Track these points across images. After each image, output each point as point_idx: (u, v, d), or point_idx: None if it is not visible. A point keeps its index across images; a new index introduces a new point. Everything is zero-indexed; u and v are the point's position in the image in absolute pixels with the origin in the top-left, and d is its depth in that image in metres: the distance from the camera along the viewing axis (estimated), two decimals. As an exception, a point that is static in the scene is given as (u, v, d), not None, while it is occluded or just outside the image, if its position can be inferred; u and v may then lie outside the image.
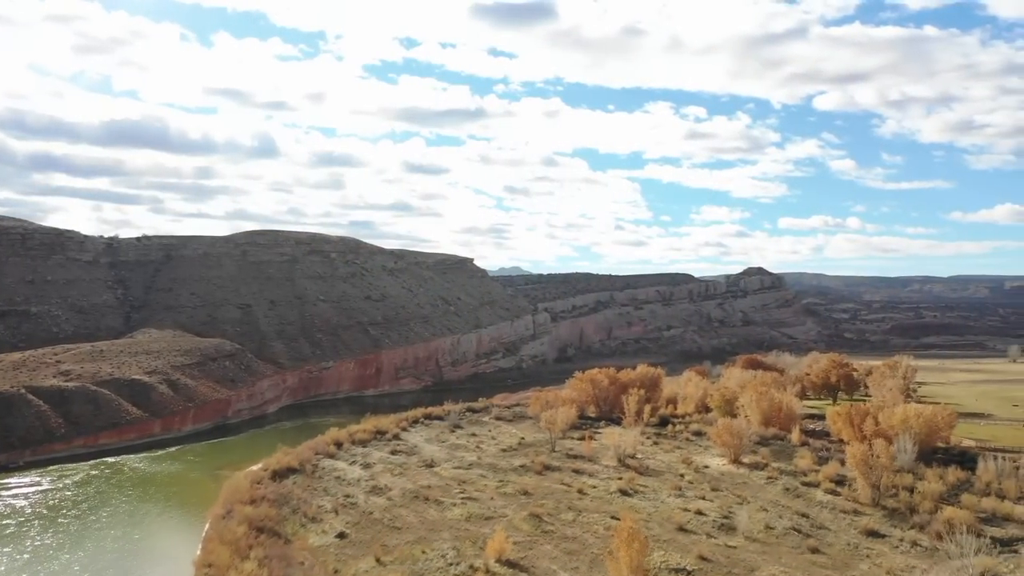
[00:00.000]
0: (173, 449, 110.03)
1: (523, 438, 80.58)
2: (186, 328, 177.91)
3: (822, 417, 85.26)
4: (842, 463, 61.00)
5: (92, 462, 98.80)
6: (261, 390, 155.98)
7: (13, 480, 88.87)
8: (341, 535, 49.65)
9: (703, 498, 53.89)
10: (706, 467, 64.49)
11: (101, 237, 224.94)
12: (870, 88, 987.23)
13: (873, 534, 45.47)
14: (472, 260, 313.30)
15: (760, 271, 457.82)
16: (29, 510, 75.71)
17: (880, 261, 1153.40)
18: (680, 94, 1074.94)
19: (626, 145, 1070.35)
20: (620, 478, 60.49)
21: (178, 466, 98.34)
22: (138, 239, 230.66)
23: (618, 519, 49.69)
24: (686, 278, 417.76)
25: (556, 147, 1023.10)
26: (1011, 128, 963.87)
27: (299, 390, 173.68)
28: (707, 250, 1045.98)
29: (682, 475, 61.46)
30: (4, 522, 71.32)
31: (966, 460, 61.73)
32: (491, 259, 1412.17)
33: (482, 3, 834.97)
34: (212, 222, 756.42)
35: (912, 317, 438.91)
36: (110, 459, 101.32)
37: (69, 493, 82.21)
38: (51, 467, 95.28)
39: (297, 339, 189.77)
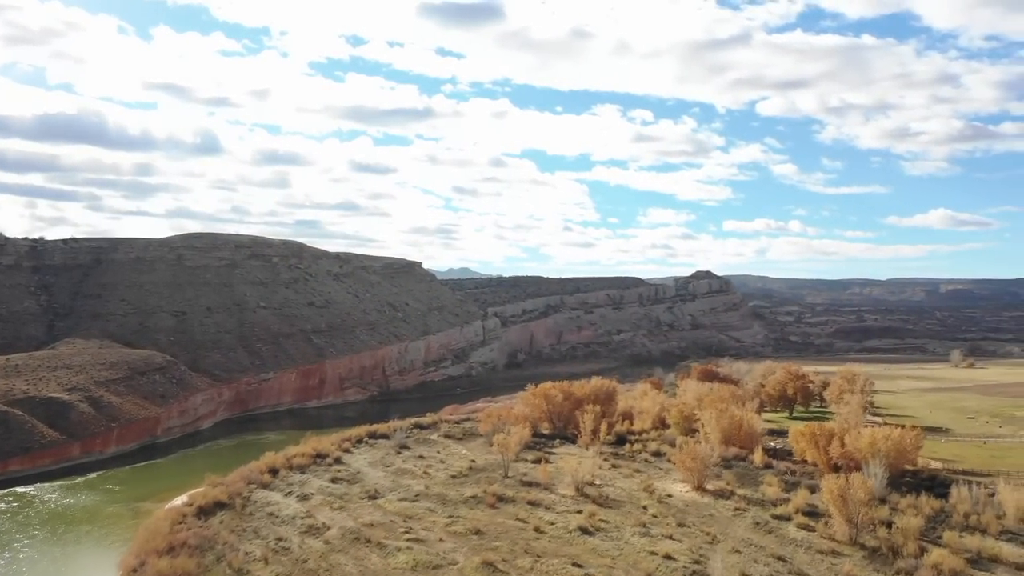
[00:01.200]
0: (93, 475, 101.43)
1: (474, 461, 75.68)
2: (115, 338, 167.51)
3: (782, 433, 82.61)
4: (811, 490, 58.03)
5: (0, 493, 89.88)
6: (194, 405, 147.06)
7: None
8: (269, 592, 43.94)
9: (671, 537, 49.77)
10: (669, 496, 60.66)
11: (24, 239, 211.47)
12: (811, 94, 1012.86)
13: (857, 582, 41.86)
14: (420, 264, 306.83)
15: (708, 275, 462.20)
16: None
17: (821, 264, 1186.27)
18: (627, 97, 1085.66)
19: (574, 147, 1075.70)
20: (580, 511, 56.10)
21: (95, 497, 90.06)
22: (65, 241, 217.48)
23: (580, 566, 45.35)
24: (636, 282, 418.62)
25: (504, 148, 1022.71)
26: (944, 136, 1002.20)
27: (237, 404, 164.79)
28: (654, 252, 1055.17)
29: (645, 507, 57.42)
30: None
31: (936, 485, 59.45)
32: (440, 260, 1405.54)
33: (430, 2, 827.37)
34: (152, 220, 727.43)
35: (854, 320, 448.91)
36: (21, 488, 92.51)
37: (-33, 533, 73.87)
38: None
39: (235, 349, 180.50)
